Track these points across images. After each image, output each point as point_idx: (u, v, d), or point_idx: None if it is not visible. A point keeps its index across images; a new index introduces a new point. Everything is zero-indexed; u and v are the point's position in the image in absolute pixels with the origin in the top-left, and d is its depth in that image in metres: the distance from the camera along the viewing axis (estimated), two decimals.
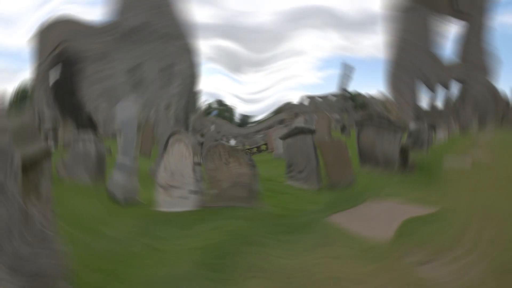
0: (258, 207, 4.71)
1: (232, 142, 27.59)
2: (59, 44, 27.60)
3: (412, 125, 13.08)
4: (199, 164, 5.42)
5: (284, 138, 7.53)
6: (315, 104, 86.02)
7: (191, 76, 41.31)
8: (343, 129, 21.55)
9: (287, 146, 7.50)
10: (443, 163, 9.59)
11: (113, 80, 27.37)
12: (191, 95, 41.76)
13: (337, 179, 7.14)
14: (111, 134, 23.96)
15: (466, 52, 41.99)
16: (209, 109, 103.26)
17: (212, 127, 66.43)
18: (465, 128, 33.22)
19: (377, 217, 4.56)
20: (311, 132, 7.05)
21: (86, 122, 28.06)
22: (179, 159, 5.59)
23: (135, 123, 6.48)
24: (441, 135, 18.71)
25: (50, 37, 27.53)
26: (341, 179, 7.10)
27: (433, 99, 44.24)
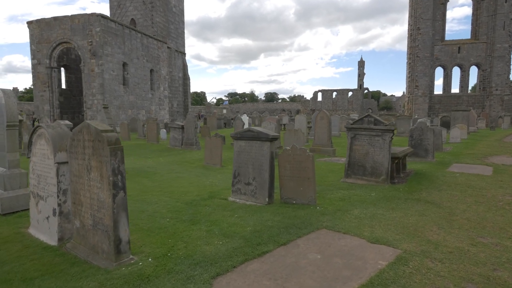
0: (120, 266, 3.04)
1: (245, 117, 24.56)
2: (59, 43, 26.86)
3: (415, 124, 10.95)
4: (65, 163, 3.77)
5: (235, 138, 5.79)
6: (332, 100, 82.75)
7: (183, 79, 40.09)
8: None
9: (238, 151, 5.78)
10: (447, 174, 7.45)
11: (107, 74, 26.31)
12: (186, 94, 40.54)
13: (292, 195, 5.37)
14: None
15: (481, 32, 38.39)
16: (219, 101, 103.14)
17: (224, 111, 65.72)
18: (492, 124, 30.02)
19: (300, 278, 2.79)
20: (270, 140, 5.28)
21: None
22: (41, 159, 4.01)
23: (5, 117, 4.93)
24: (456, 133, 16.26)
25: (51, 35, 26.79)
26: (297, 195, 5.33)
27: (449, 86, 40.78)
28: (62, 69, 30.53)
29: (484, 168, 8.87)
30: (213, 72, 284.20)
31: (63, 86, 30.69)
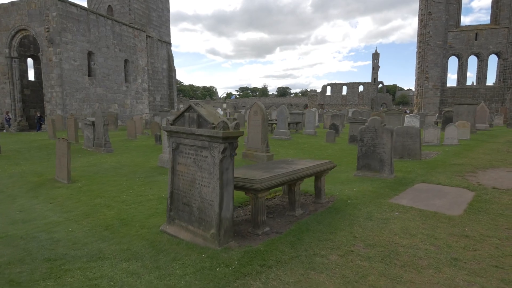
0: None
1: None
2: (18, 31, 24.37)
3: (367, 123, 7.44)
4: None
5: None
6: (342, 95, 78.52)
7: (168, 70, 37.03)
8: None
9: None
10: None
11: (68, 63, 23.67)
12: (172, 86, 37.57)
13: None
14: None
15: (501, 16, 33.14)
16: (228, 95, 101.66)
17: (224, 105, 64.20)
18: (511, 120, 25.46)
19: None
20: None
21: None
22: None
23: None
24: (452, 133, 12.45)
25: (9, 22, 24.33)
26: None
27: (464, 77, 36.04)
28: (30, 59, 28.28)
29: (460, 194, 5.35)
30: (228, 67, 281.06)
31: (32, 78, 28.46)
